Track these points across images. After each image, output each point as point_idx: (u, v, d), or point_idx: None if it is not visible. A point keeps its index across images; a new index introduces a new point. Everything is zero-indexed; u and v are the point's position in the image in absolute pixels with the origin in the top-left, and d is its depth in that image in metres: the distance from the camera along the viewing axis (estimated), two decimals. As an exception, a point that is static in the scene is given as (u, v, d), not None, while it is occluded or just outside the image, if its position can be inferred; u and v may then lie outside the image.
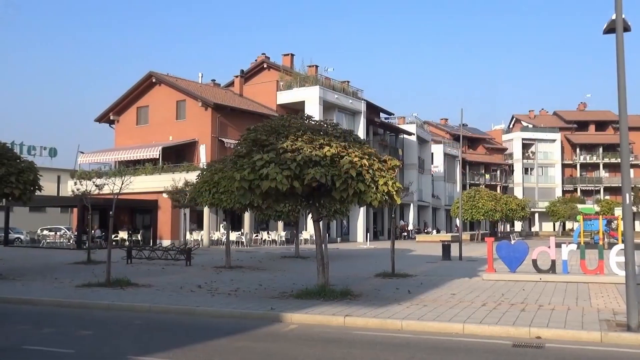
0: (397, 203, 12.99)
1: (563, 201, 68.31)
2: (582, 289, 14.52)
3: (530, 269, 17.09)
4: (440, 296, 13.25)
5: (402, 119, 60.28)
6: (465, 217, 46.95)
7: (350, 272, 19.17)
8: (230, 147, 33.73)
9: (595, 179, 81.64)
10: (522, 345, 8.77)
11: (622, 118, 10.02)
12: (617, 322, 9.86)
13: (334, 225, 43.84)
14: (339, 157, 11.98)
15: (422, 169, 60.73)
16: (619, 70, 9.97)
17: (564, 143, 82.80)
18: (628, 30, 10.39)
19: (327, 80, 46.34)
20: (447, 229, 65.81)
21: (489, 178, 77.99)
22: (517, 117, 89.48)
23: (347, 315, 10.58)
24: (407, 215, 57.43)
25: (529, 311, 11.07)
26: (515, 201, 52.55)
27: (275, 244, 37.60)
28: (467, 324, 9.83)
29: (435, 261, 24.21)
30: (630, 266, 9.64)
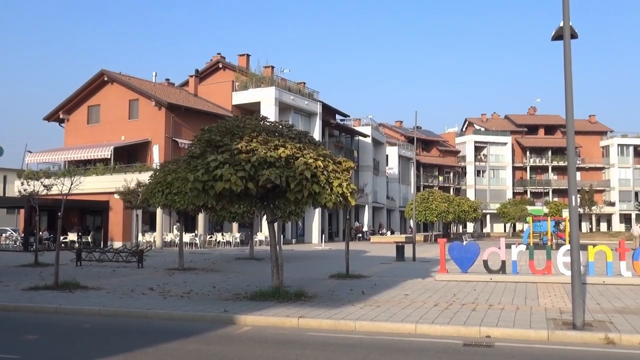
0: (351, 204, 13.06)
1: (513, 203, 69.92)
2: (530, 289, 14.87)
3: (481, 269, 17.42)
4: (393, 297, 13.38)
5: (358, 120, 60.70)
6: (419, 218, 47.56)
7: (305, 274, 19.17)
8: (185, 148, 33.32)
9: (544, 182, 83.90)
10: (472, 344, 8.93)
11: (569, 122, 10.31)
12: (564, 321, 10.14)
13: (289, 227, 43.79)
14: (293, 158, 11.97)
15: (377, 170, 61.26)
16: (566, 76, 10.26)
17: (515, 146, 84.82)
18: (575, 37, 10.71)
19: (283, 82, 46.28)
20: (402, 230, 66.56)
21: (442, 180, 79.23)
22: (469, 120, 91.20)
23: (301, 317, 10.57)
24: (362, 217, 57.81)
25: (480, 311, 11.28)
26: (468, 203, 53.57)
27: (229, 246, 37.30)
28: (419, 324, 9.95)
29: (389, 262, 24.44)
30: (575, 266, 9.93)
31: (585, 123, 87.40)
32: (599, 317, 10.52)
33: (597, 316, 10.67)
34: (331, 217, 53.51)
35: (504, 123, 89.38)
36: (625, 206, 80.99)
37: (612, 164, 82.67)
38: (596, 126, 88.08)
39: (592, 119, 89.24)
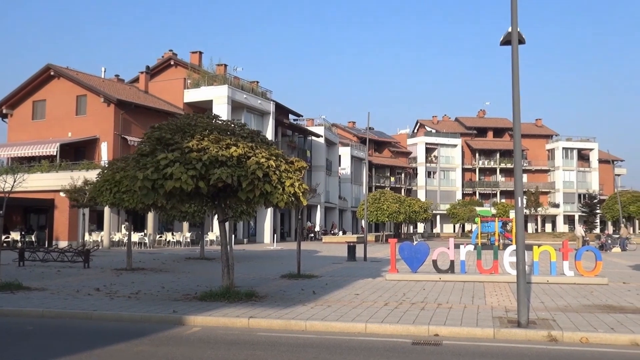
0: (303, 204, 13.06)
1: (463, 204, 71.27)
2: (478, 288, 15.18)
3: (430, 269, 17.68)
4: (344, 296, 13.44)
5: (311, 121, 60.82)
6: (371, 218, 47.98)
7: (256, 274, 19.08)
8: (134, 145, 32.69)
9: (493, 183, 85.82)
10: (421, 342, 9.04)
11: (516, 125, 10.57)
12: (509, 319, 10.39)
13: (240, 226, 43.50)
14: (245, 157, 11.88)
15: (329, 170, 61.49)
16: (513, 80, 10.51)
17: (465, 148, 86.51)
18: (523, 42, 10.98)
19: (236, 80, 45.96)
20: (353, 230, 66.99)
21: (394, 181, 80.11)
22: (421, 122, 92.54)
23: (251, 317, 10.50)
24: (314, 217, 57.92)
25: (429, 310, 11.44)
26: (418, 203, 54.33)
27: (180, 245, 36.80)
28: (369, 323, 10.02)
29: (341, 262, 24.56)
30: (520, 266, 10.18)
31: (532, 126, 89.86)
32: (543, 315, 10.82)
33: (541, 314, 10.96)
34: (283, 217, 53.43)
35: (454, 125, 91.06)
36: (569, 207, 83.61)
37: (557, 166, 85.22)
38: (542, 130, 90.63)
39: (539, 123, 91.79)
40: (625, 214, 56.44)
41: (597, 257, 16.96)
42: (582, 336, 9.18)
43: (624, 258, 28.64)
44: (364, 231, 32.12)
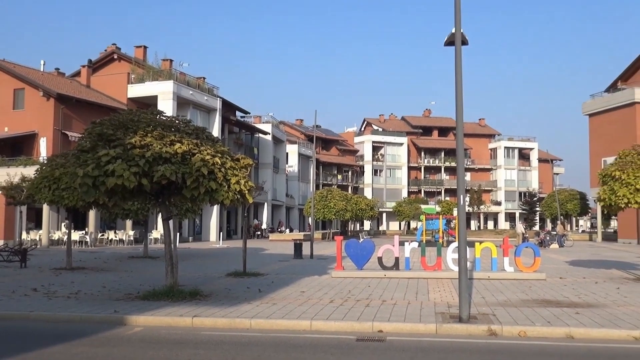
0: (249, 202, 12.95)
1: (408, 202, 72.32)
2: (421, 284, 15.42)
3: (376, 266, 17.86)
4: (290, 294, 13.43)
5: (258, 118, 60.50)
6: (318, 216, 48.14)
7: (201, 272, 18.85)
8: (75, 141, 31.77)
9: (438, 181, 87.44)
10: (365, 339, 9.12)
11: (459, 125, 10.79)
12: (451, 314, 10.60)
13: (186, 224, 42.89)
14: (190, 154, 11.70)
15: (276, 168, 61.33)
16: (457, 80, 10.71)
17: (411, 147, 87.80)
18: (466, 44, 11.20)
19: (182, 76, 45.24)
20: (300, 227, 67.05)
21: (341, 179, 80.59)
22: (368, 120, 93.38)
23: (195, 316, 10.37)
24: (261, 214, 57.68)
25: (373, 306, 11.55)
26: (365, 201, 54.81)
27: (123, 244, 35.98)
28: (314, 320, 10.04)
29: (287, 260, 24.53)
30: (462, 262, 10.41)
31: (476, 126, 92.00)
32: (484, 310, 11.08)
33: (482, 309, 11.23)
34: (230, 215, 52.97)
35: (400, 124, 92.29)
36: (511, 205, 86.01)
37: (499, 165, 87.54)
38: (485, 129, 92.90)
39: (482, 122, 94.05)
40: (563, 211, 58.50)
41: (536, 254, 17.50)
42: (521, 330, 9.45)
43: (561, 254, 29.66)
44: (310, 229, 32.18)
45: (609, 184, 16.76)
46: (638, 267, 20.98)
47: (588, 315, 10.60)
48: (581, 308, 11.42)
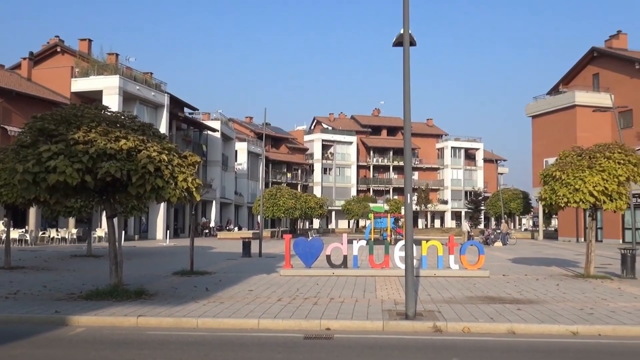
0: (196, 200, 12.81)
1: (357, 200, 72.87)
2: (369, 282, 15.56)
3: (324, 264, 17.91)
4: (237, 293, 13.34)
5: (207, 115, 59.80)
6: (267, 214, 47.96)
7: (147, 271, 18.51)
8: (14, 136, 30.63)
9: (386, 180, 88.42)
10: (312, 337, 9.14)
11: (407, 124, 10.92)
12: (397, 312, 10.73)
13: (131, 222, 42.03)
14: (136, 151, 11.47)
15: (225, 166, 60.79)
16: (405, 81, 10.85)
17: (360, 146, 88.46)
18: (414, 44, 11.34)
19: (129, 70, 44.27)
20: (249, 226, 66.68)
21: (290, 177, 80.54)
22: (318, 119, 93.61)
23: (140, 316, 10.17)
24: (209, 212, 57.05)
25: (321, 304, 11.59)
26: (314, 199, 54.94)
27: (65, 242, 34.96)
28: (262, 319, 10.01)
29: (236, 258, 24.35)
30: (409, 260, 10.56)
31: (424, 126, 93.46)
32: (429, 307, 11.27)
33: (428, 306, 11.42)
34: (177, 213, 52.20)
35: (350, 123, 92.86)
36: (457, 204, 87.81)
37: (446, 165, 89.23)
38: (433, 129, 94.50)
39: (430, 123, 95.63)
40: (507, 210, 60.09)
41: (480, 251, 17.91)
42: (465, 326, 9.66)
43: (505, 252, 30.46)
44: (259, 227, 32.03)
45: (549, 184, 17.28)
46: (577, 265, 21.74)
47: (529, 311, 10.91)
48: (522, 304, 11.76)
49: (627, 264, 17.31)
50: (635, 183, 16.95)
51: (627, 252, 17.50)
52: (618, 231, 42.07)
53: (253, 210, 53.27)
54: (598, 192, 16.08)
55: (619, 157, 16.35)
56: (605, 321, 9.95)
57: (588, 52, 48.60)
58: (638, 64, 43.57)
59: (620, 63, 45.76)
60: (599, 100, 44.21)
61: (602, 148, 17.01)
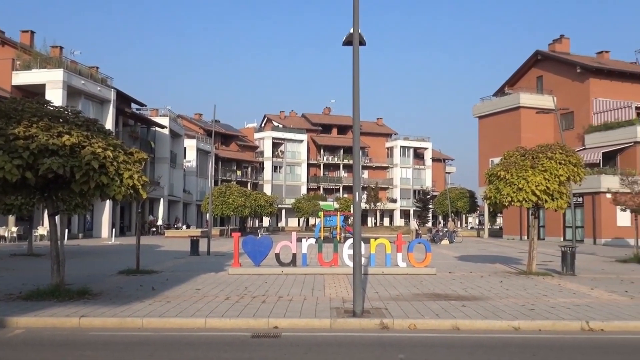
0: (143, 197, 12.54)
1: (307, 198, 72.96)
2: (318, 280, 15.60)
3: (273, 262, 17.87)
4: (185, 292, 13.16)
5: (155, 111, 58.74)
6: (216, 212, 47.49)
7: (91, 270, 18.07)
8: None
9: (336, 179, 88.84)
10: (260, 335, 9.10)
11: (355, 123, 10.99)
12: (345, 309, 10.80)
13: (75, 220, 40.90)
14: (80, 147, 11.15)
15: (174, 163, 59.87)
16: (354, 79, 10.91)
17: (310, 144, 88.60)
18: (363, 44, 11.43)
19: (74, 64, 43.03)
20: (198, 224, 65.89)
21: (240, 175, 79.98)
22: (268, 116, 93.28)
23: (83, 316, 9.91)
24: (156, 210, 56.08)
25: (269, 303, 11.55)
26: (264, 198, 54.72)
27: (4, 241, 33.76)
28: (209, 318, 9.90)
29: (184, 257, 24.02)
30: (357, 258, 10.63)
31: (373, 125, 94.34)
32: (377, 305, 11.38)
33: (375, 304, 11.53)
34: (123, 211, 51.10)
35: (300, 121, 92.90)
36: (405, 203, 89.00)
37: (396, 163, 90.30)
38: (383, 128, 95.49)
39: (380, 122, 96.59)
40: (454, 209, 61.27)
41: (427, 249, 18.21)
42: (411, 323, 9.80)
43: (451, 250, 31.05)
44: (208, 225, 31.71)
45: (494, 183, 17.70)
46: (520, 262, 22.34)
47: (473, 307, 11.16)
48: (467, 301, 12.01)
49: (567, 261, 17.91)
50: (575, 183, 17.54)
51: (567, 250, 18.11)
52: (559, 229, 43.47)
53: (202, 208, 52.51)
54: (540, 192, 16.57)
55: (560, 157, 16.88)
56: (545, 316, 10.27)
57: (532, 55, 50.02)
58: (579, 68, 45.15)
59: (562, 66, 47.29)
60: (542, 102, 45.54)
61: (545, 149, 17.52)
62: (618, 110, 43.46)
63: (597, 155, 41.51)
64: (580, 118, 45.11)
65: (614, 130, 41.77)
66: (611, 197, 26.58)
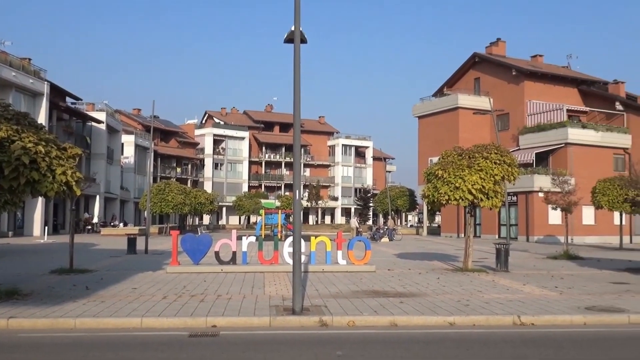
0: (77, 194, 12.15)
1: (249, 196, 72.48)
2: (258, 278, 15.53)
3: (213, 260, 17.67)
4: (120, 291, 12.84)
5: (92, 105, 56.97)
6: (154, 210, 46.58)
7: (22, 269, 17.40)
8: None
9: (278, 176, 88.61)
10: (198, 334, 8.98)
11: (296, 121, 10.99)
12: (285, 307, 10.79)
13: (5, 218, 39.28)
14: (9, 141, 10.69)
15: (111, 159, 58.31)
16: (295, 77, 10.91)
17: (252, 141, 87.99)
18: (304, 42, 11.44)
19: (4, 55, 41.23)
20: (136, 222, 64.47)
21: (180, 172, 78.68)
22: (209, 113, 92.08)
23: (11, 317, 9.53)
24: (92, 208, 54.49)
25: (208, 301, 11.42)
26: (204, 195, 54.00)
27: None
28: (145, 317, 9.70)
29: (120, 255, 23.45)
30: (297, 255, 10.64)
31: (316, 123, 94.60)
32: (316, 302, 11.42)
33: (315, 301, 11.57)
34: (57, 208, 49.38)
35: (242, 118, 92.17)
36: (347, 201, 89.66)
37: (337, 162, 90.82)
38: (325, 127, 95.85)
39: (322, 120, 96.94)
40: (394, 207, 62.16)
41: (367, 247, 18.41)
42: (350, 320, 9.88)
43: (391, 247, 31.50)
44: (146, 223, 31.06)
45: (432, 182, 18.06)
46: (456, 259, 22.88)
47: (411, 304, 11.35)
48: (405, 297, 12.20)
49: (501, 257, 18.47)
50: (509, 182, 18.10)
51: (501, 247, 18.68)
52: (495, 227, 44.77)
53: (140, 205, 51.33)
54: (476, 190, 17.02)
55: (496, 157, 17.38)
56: (479, 312, 10.56)
57: (470, 57, 51.25)
58: (514, 71, 46.59)
59: (498, 69, 48.69)
60: (479, 103, 46.70)
61: (481, 149, 18.00)
62: (551, 112, 45.11)
63: (530, 156, 42.96)
64: (515, 119, 46.55)
65: (547, 131, 43.32)
66: (543, 196, 27.53)
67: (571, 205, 24.54)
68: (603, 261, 23.01)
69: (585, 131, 42.82)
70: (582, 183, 32.39)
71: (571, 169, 39.60)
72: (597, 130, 43.22)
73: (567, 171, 31.24)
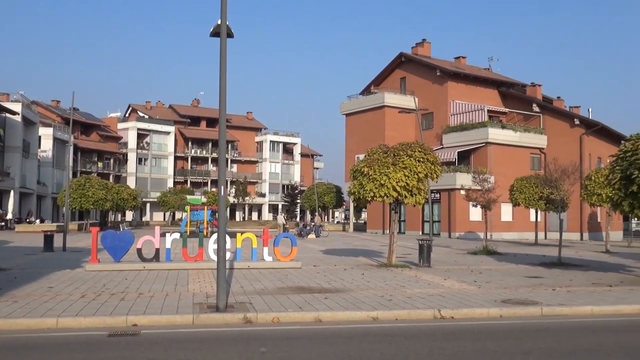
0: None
1: (174, 192, 71.05)
2: (182, 276, 15.25)
3: (135, 258, 17.19)
4: (35, 290, 12.29)
5: (6, 96, 54.36)
6: (74, 206, 44.93)
7: None
8: None
9: (204, 172, 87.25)
10: (117, 334, 8.71)
11: (222, 116, 10.84)
12: (209, 304, 10.63)
13: None
14: None
15: (27, 152, 55.73)
16: (221, 72, 10.75)
17: (178, 136, 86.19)
18: (231, 36, 11.30)
19: None
20: (54, 218, 61.93)
21: (102, 166, 76.18)
22: (133, 106, 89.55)
23: None
24: (6, 203, 51.95)
25: (129, 300, 11.10)
26: (127, 191, 52.60)
27: None
28: (61, 317, 9.32)
29: (36, 253, 22.46)
30: (221, 252, 10.51)
31: (243, 119, 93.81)
32: (241, 299, 11.32)
33: (240, 298, 11.46)
34: (-32, 203, 46.85)
35: (168, 112, 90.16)
36: (274, 197, 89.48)
37: (265, 158, 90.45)
38: (253, 123, 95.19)
39: (250, 116, 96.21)
40: (321, 203, 62.57)
41: (293, 243, 18.43)
42: (274, 316, 9.85)
43: (317, 244, 31.68)
44: (65, 219, 29.91)
45: (358, 179, 18.28)
46: (381, 255, 23.28)
47: (335, 299, 11.44)
48: (330, 293, 12.29)
49: (423, 253, 18.92)
50: (432, 179, 18.56)
51: (424, 243, 19.14)
52: (419, 223, 45.85)
53: (58, 201, 49.35)
54: (400, 188, 17.35)
55: (419, 155, 17.78)
56: (402, 306, 10.77)
57: (397, 57, 52.19)
58: (439, 71, 47.85)
59: (424, 69, 49.85)
60: (405, 102, 47.67)
61: (405, 147, 18.35)
62: (472, 112, 46.66)
63: (453, 154, 44.26)
64: (439, 119, 47.83)
65: (469, 131, 44.75)
66: (464, 193, 28.43)
67: (490, 203, 25.44)
68: (519, 256, 24.00)
69: (505, 131, 44.54)
70: (501, 181, 33.66)
71: (491, 168, 41.10)
72: (516, 131, 45.05)
73: (487, 170, 32.43)
